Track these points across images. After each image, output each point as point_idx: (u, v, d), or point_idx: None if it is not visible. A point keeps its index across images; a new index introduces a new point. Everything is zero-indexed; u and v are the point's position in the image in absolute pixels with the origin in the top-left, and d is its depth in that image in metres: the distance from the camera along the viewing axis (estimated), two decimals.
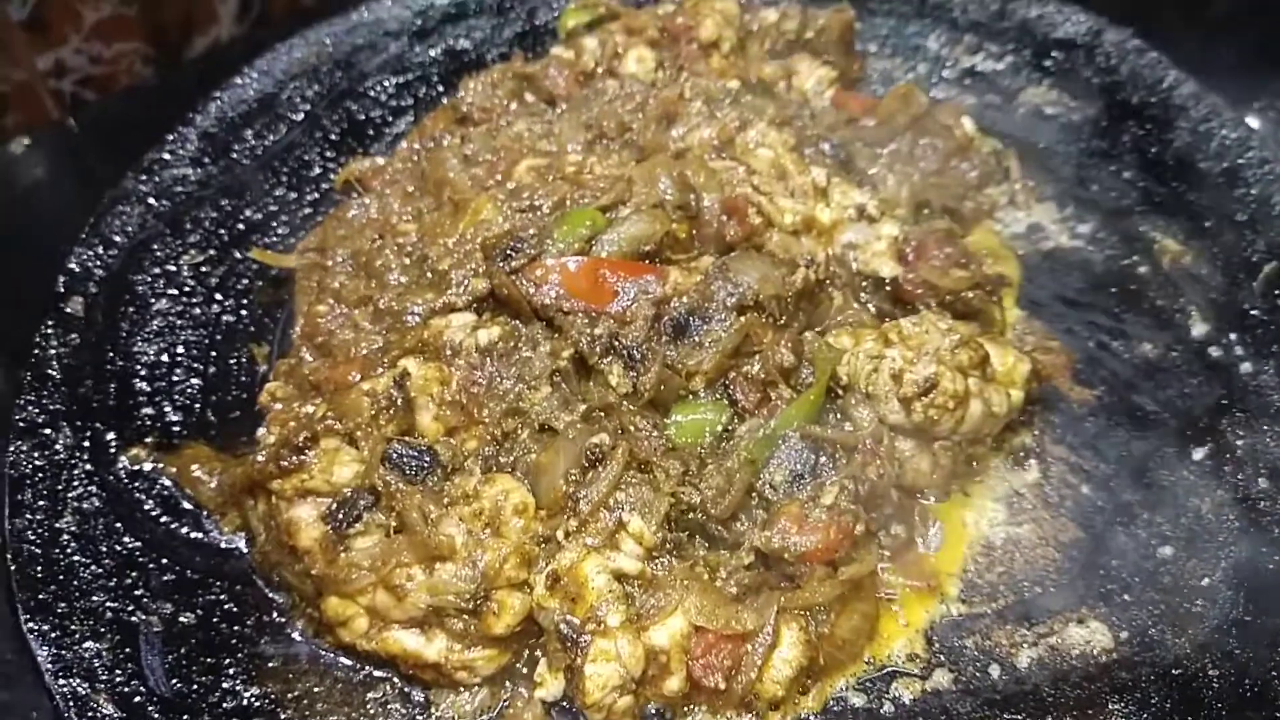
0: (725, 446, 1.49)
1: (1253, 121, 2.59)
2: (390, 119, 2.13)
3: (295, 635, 1.47)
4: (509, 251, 1.61)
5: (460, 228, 1.71)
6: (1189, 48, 2.51)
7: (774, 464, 1.48)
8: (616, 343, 1.52)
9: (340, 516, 1.41)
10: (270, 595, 1.50)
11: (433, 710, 1.41)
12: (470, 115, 1.99)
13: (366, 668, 1.44)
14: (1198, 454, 1.61)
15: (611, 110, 1.91)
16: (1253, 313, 1.73)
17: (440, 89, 2.18)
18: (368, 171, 1.94)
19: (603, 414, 1.50)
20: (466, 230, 1.69)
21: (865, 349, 1.56)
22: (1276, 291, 1.73)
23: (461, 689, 1.42)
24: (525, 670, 1.43)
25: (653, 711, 1.39)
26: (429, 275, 1.69)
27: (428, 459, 1.44)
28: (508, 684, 1.43)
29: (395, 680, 1.43)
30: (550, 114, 1.97)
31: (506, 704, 1.41)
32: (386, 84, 2.17)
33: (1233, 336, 1.72)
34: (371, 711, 1.40)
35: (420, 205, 1.84)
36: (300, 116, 2.07)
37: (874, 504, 1.50)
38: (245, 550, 1.54)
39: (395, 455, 1.43)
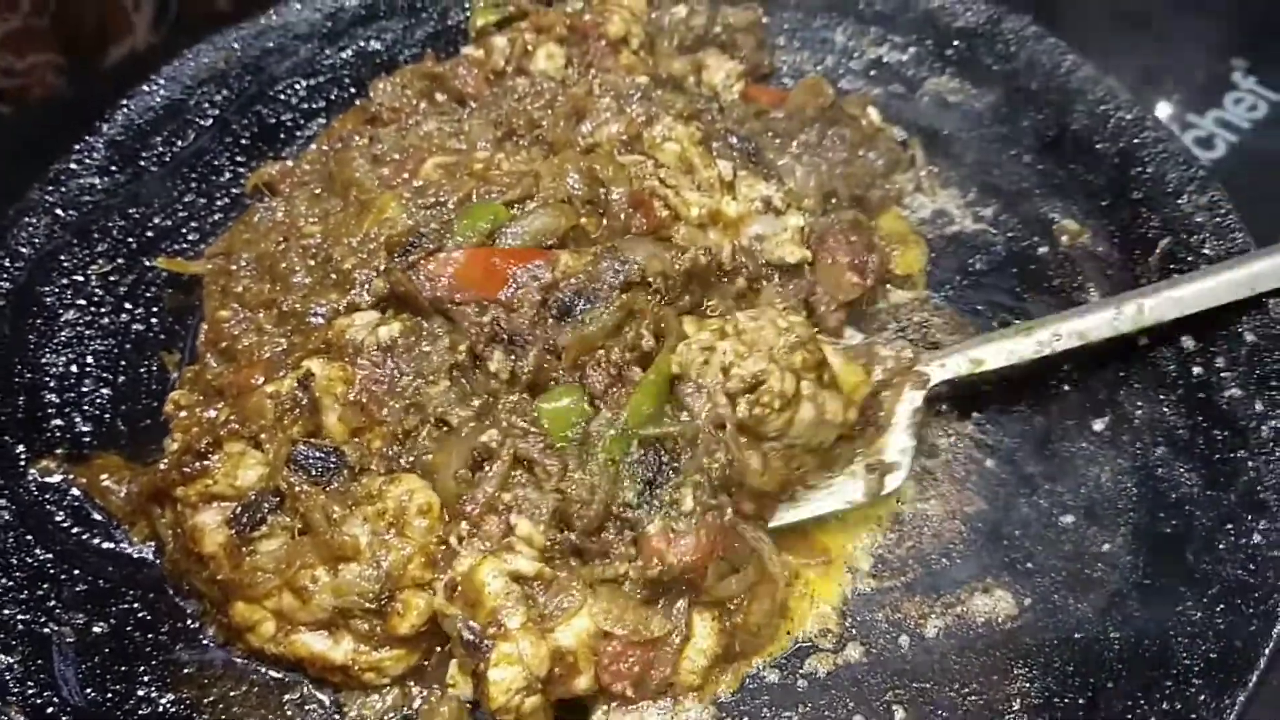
0: (586, 446, 1.45)
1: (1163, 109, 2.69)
2: (302, 122, 2.12)
3: (208, 642, 1.47)
4: (408, 247, 1.61)
5: (365, 227, 1.70)
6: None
7: (624, 480, 1.43)
8: (499, 328, 1.52)
9: (244, 520, 1.41)
10: (181, 603, 1.50)
11: (346, 711, 1.41)
12: (380, 115, 1.99)
13: (281, 672, 1.44)
14: (1097, 425, 1.66)
15: (521, 107, 1.92)
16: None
17: (352, 91, 2.17)
18: (277, 174, 1.93)
19: (493, 401, 1.49)
20: (370, 229, 1.69)
21: (700, 340, 1.53)
22: (1171, 266, 1.78)
23: (370, 690, 1.42)
24: (436, 669, 1.43)
25: None
26: (333, 276, 1.68)
27: (334, 460, 1.44)
28: (418, 685, 1.43)
29: (309, 684, 1.44)
30: (461, 113, 1.97)
31: (422, 703, 1.42)
32: (297, 87, 2.15)
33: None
34: (289, 713, 1.41)
35: (327, 206, 1.83)
36: (209, 122, 2.05)
37: (732, 487, 1.49)
38: (155, 559, 1.53)
39: (301, 457, 1.44)
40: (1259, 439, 1.55)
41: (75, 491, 1.57)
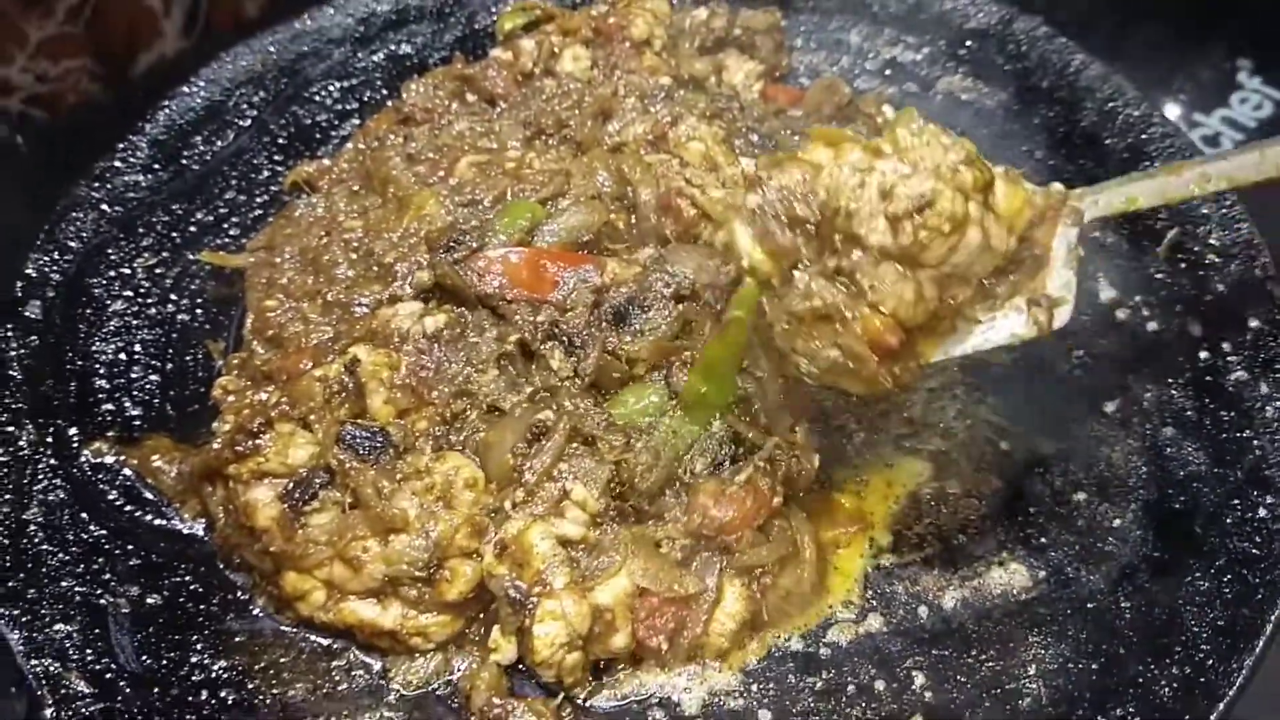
0: (654, 422, 1.56)
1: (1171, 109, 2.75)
2: (336, 123, 2.19)
3: (258, 612, 1.53)
4: (452, 243, 1.69)
5: (404, 222, 1.78)
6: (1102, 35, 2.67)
7: (696, 452, 1.54)
8: (557, 329, 1.60)
9: (297, 495, 1.48)
10: (231, 577, 1.56)
11: (391, 675, 1.47)
12: (413, 116, 2.06)
13: (329, 639, 1.50)
14: (1109, 407, 1.71)
15: (549, 108, 1.99)
16: (1157, 276, 1.84)
17: (384, 92, 2.24)
18: (314, 172, 2.01)
19: (548, 394, 1.58)
20: (410, 225, 1.76)
21: (852, 160, 1.40)
22: (1178, 255, 1.85)
23: (417, 655, 1.49)
24: (477, 638, 1.49)
25: None
26: (375, 269, 1.75)
27: (380, 439, 1.51)
28: (461, 651, 1.50)
29: (356, 650, 1.50)
30: (491, 113, 2.05)
31: (464, 668, 1.48)
32: (331, 89, 2.23)
33: (1138, 299, 1.83)
34: (336, 678, 1.46)
35: (365, 203, 1.91)
36: (248, 123, 2.13)
37: (790, 484, 1.58)
38: (205, 536, 1.59)
39: (349, 436, 1.51)
40: (1264, 419, 1.61)
41: (127, 472, 1.63)
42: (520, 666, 1.45)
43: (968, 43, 2.26)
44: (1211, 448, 1.61)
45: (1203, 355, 1.71)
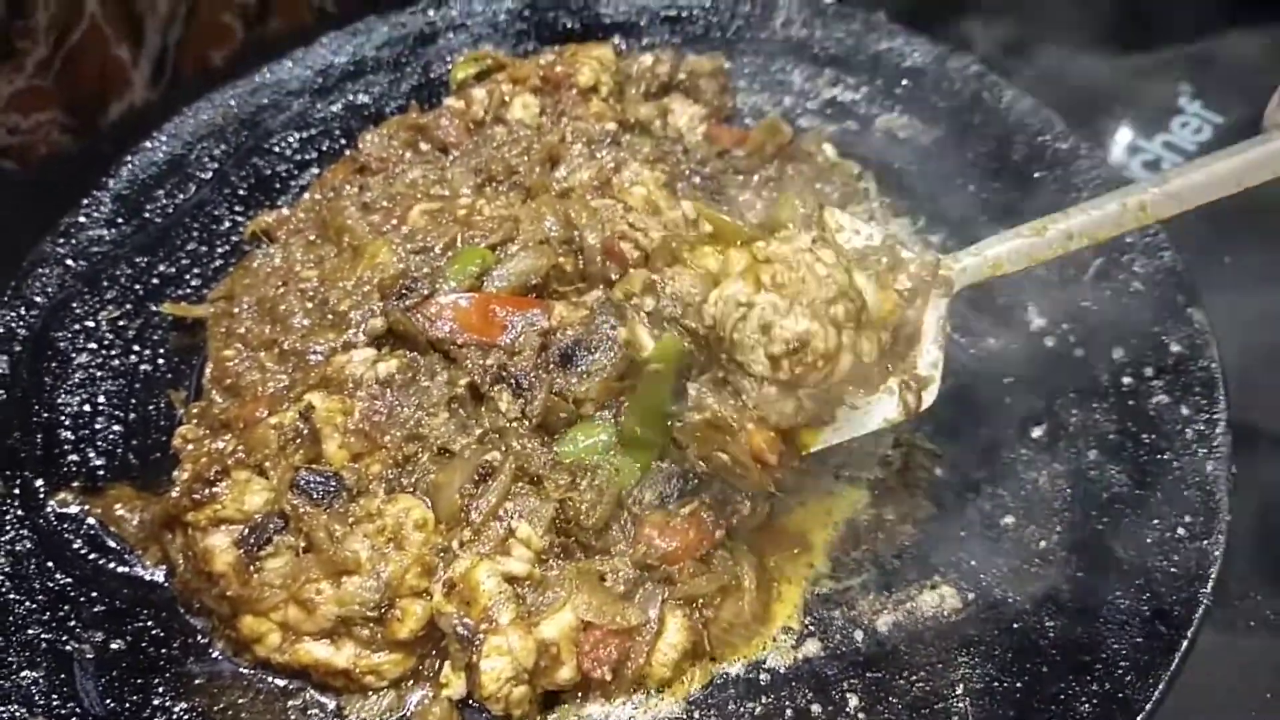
0: (597, 460, 1.62)
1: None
2: (295, 172, 2.26)
3: (217, 655, 1.58)
4: (405, 290, 1.75)
5: (358, 271, 1.84)
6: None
7: (645, 485, 1.61)
8: (505, 372, 1.67)
9: (252, 540, 1.54)
10: (192, 621, 1.61)
11: (347, 714, 1.53)
12: (368, 165, 2.13)
13: (285, 680, 1.55)
14: (1036, 432, 1.78)
15: (499, 155, 2.06)
16: (1083, 304, 1.92)
17: (342, 142, 2.31)
18: (273, 222, 2.07)
19: (496, 435, 1.64)
20: (364, 273, 1.83)
21: (733, 291, 1.51)
22: (1103, 284, 1.93)
23: (370, 693, 1.54)
24: (430, 675, 1.55)
25: None
26: (330, 317, 1.82)
27: (334, 484, 1.57)
28: (413, 686, 1.55)
29: (312, 690, 1.55)
30: (444, 160, 2.12)
31: (416, 705, 1.54)
32: (291, 140, 2.30)
33: (1065, 326, 1.90)
34: (291, 716, 1.52)
35: (321, 252, 1.97)
36: (209, 175, 2.19)
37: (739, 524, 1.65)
38: (166, 582, 1.64)
39: (304, 481, 1.57)
40: (1183, 440, 1.69)
41: (91, 521, 1.68)
42: (471, 701, 1.50)
43: (904, 81, 2.34)
44: (1133, 470, 1.68)
45: (1126, 380, 1.79)
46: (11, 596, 1.57)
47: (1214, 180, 1.64)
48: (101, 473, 1.76)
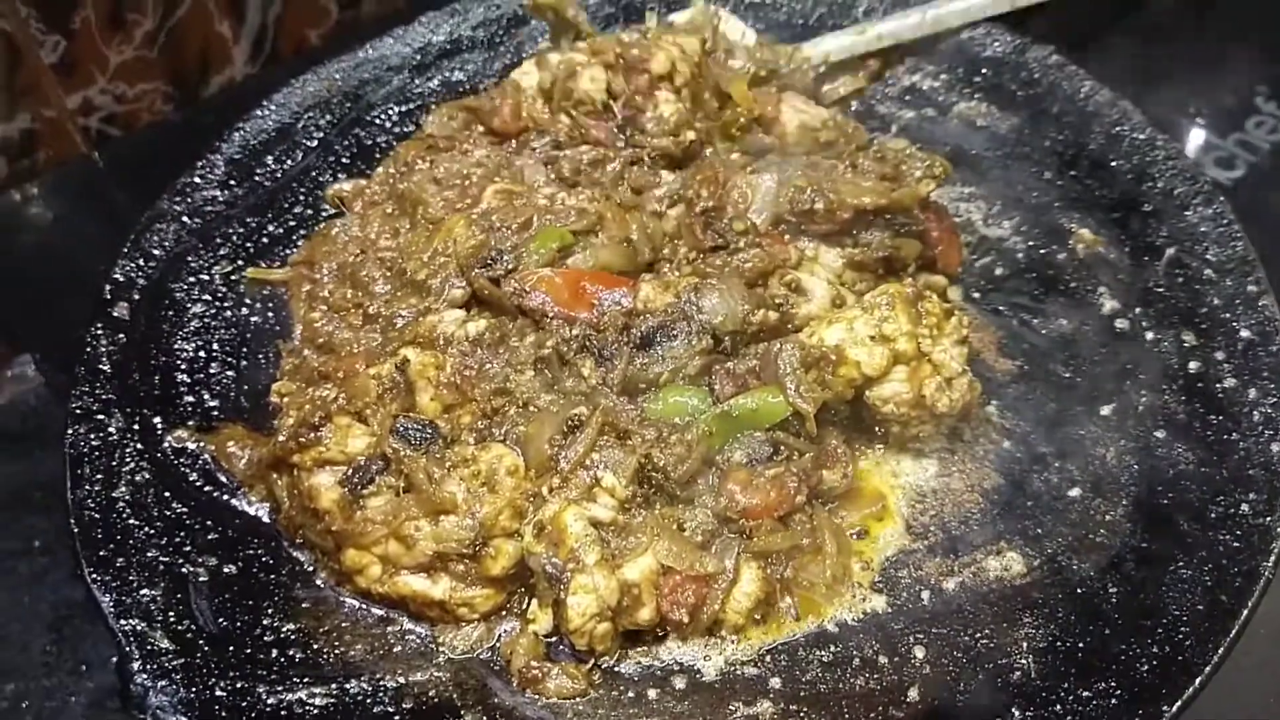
0: (689, 420, 1.70)
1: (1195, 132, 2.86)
2: (394, 143, 2.36)
3: (320, 583, 1.69)
4: (489, 260, 1.85)
5: (434, 243, 1.94)
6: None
7: (735, 447, 1.69)
8: (589, 342, 1.76)
9: (356, 480, 1.64)
10: (295, 554, 1.72)
11: (440, 643, 1.63)
12: (436, 144, 2.23)
13: (383, 609, 1.66)
14: (1104, 410, 1.83)
15: (574, 156, 2.11)
16: (1156, 290, 1.97)
17: None
18: (349, 192, 2.19)
19: (581, 396, 1.73)
20: (439, 244, 1.92)
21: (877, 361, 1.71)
22: (1176, 271, 1.97)
23: (462, 624, 1.64)
24: (517, 610, 1.65)
25: None
26: (408, 286, 1.92)
27: (430, 431, 1.67)
28: (502, 620, 1.65)
29: (407, 620, 1.65)
30: (505, 145, 2.18)
31: (504, 637, 1.64)
32: (391, 112, 2.41)
33: (1137, 311, 1.95)
34: (391, 641, 1.62)
35: (398, 224, 2.07)
36: (314, 143, 2.32)
37: (821, 494, 1.73)
38: (270, 519, 1.76)
39: (402, 428, 1.67)
40: (1250, 423, 1.73)
41: (205, 457, 1.80)
42: (555, 635, 1.60)
43: (983, 70, 2.39)
44: (1200, 449, 1.73)
45: (1194, 365, 1.83)
46: (132, 522, 1.68)
47: None
48: (215, 413, 1.88)
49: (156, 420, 1.84)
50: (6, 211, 2.65)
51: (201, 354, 1.95)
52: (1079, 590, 1.61)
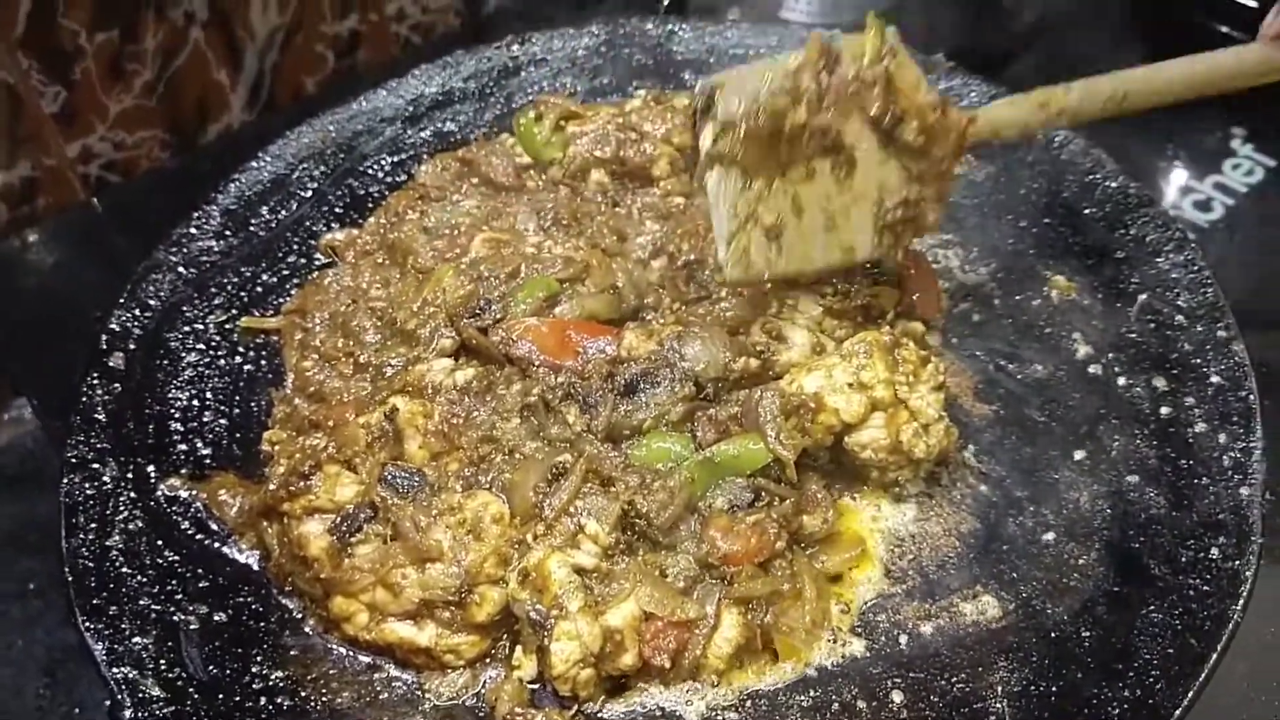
0: (672, 466, 1.74)
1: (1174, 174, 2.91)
2: (387, 193, 2.42)
3: (309, 631, 1.72)
4: (477, 310, 1.90)
5: (423, 293, 1.99)
6: None
7: (717, 493, 1.73)
8: (573, 389, 1.81)
9: (344, 528, 1.68)
10: (284, 601, 1.75)
11: (426, 689, 1.66)
12: (428, 193, 2.29)
13: (370, 656, 1.69)
14: (1078, 455, 1.87)
15: (564, 203, 2.18)
16: (1128, 335, 2.01)
17: None
18: (342, 242, 2.24)
19: (566, 443, 1.78)
20: (429, 294, 1.98)
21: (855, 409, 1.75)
22: (1147, 317, 2.01)
23: (448, 670, 1.67)
24: (503, 656, 1.68)
25: None
26: (398, 335, 1.97)
27: (418, 479, 1.72)
28: (487, 666, 1.67)
29: (393, 667, 1.68)
30: (497, 195, 2.24)
31: (489, 683, 1.66)
32: (383, 163, 2.47)
33: (1110, 356, 1.99)
34: (377, 688, 1.64)
35: (388, 274, 2.12)
36: (309, 193, 2.37)
37: (802, 537, 1.77)
38: (260, 566, 1.78)
39: (390, 476, 1.71)
40: (1220, 467, 1.76)
41: (198, 504, 1.83)
42: (539, 681, 1.62)
43: None
44: (1171, 493, 1.76)
45: (1165, 410, 1.87)
46: (125, 570, 1.71)
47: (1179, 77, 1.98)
48: (208, 461, 1.91)
49: (150, 469, 1.87)
50: (7, 257, 2.70)
51: (195, 402, 1.99)
52: (1053, 634, 1.64)
